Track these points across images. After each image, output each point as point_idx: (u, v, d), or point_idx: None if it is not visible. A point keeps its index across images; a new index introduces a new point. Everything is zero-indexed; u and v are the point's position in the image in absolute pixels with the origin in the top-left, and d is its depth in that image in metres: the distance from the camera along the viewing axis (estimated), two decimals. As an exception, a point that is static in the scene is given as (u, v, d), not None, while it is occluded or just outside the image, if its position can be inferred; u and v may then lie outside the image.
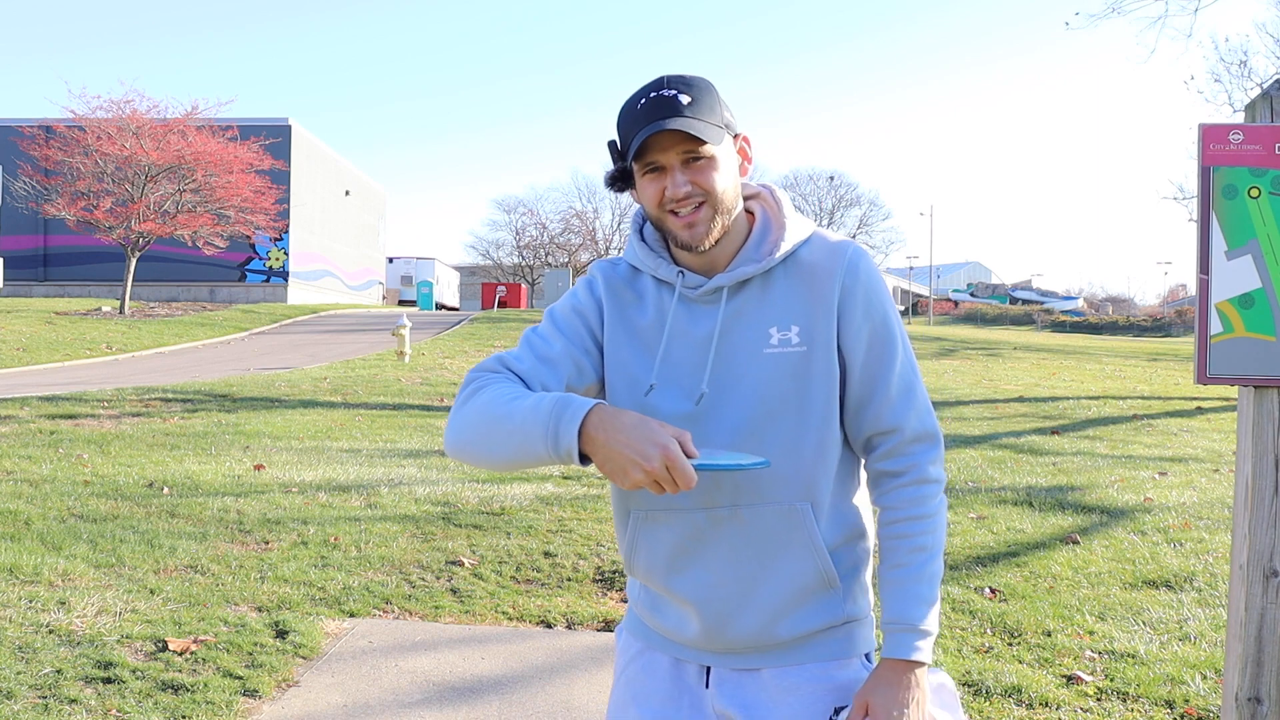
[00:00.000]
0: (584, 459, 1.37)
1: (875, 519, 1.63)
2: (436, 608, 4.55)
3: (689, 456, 1.32)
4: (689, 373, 1.58)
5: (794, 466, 1.55)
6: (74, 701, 3.38)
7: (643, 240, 1.67)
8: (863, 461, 1.65)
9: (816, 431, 1.55)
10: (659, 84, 1.54)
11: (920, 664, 1.54)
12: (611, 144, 1.60)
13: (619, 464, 1.32)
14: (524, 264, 58.58)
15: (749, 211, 1.65)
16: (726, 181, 1.55)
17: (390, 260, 52.62)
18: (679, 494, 1.49)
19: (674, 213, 1.54)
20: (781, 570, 1.56)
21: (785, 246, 1.59)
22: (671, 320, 1.60)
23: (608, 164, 1.65)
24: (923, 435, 1.60)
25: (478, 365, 1.59)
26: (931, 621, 1.56)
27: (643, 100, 1.52)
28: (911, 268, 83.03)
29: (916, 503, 1.59)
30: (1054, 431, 10.38)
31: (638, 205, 1.70)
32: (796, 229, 1.62)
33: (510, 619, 4.46)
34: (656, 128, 1.47)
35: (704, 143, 1.50)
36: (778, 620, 1.58)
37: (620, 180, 1.60)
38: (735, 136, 1.60)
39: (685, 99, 1.50)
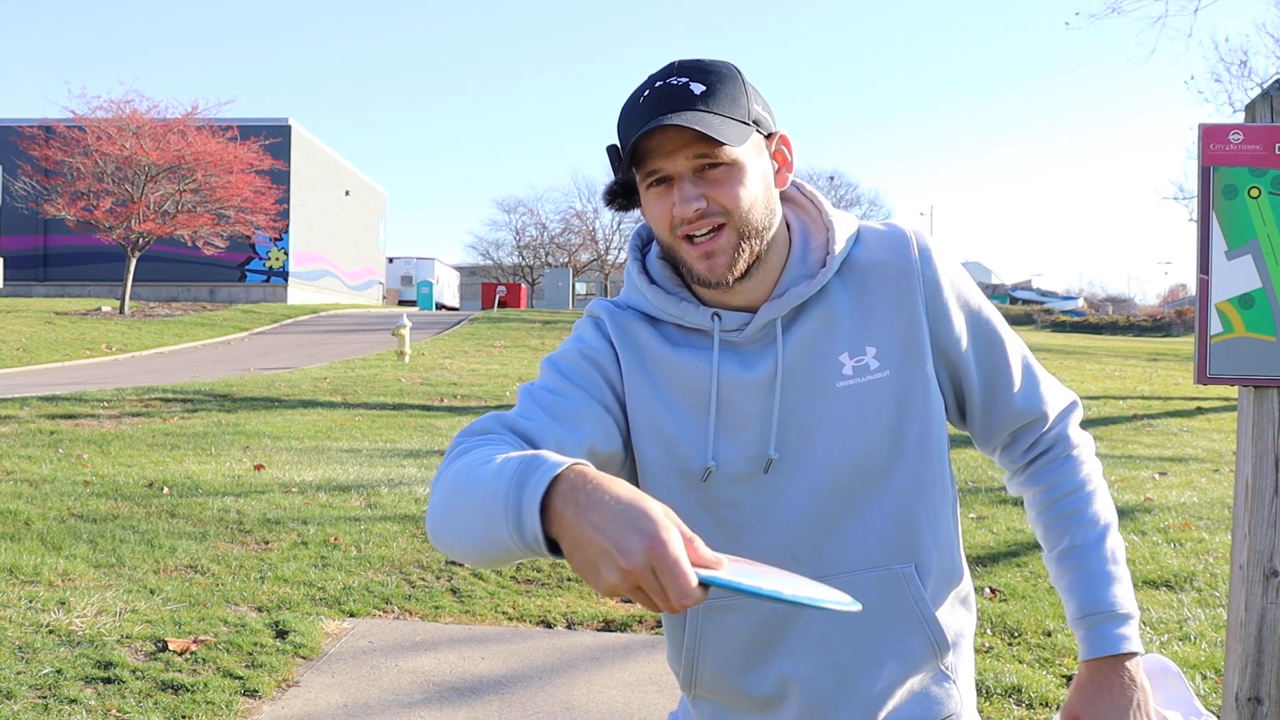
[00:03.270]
0: (556, 547, 0.94)
1: (1028, 506, 1.39)
2: (436, 608, 4.55)
3: (699, 566, 0.89)
4: (749, 435, 1.26)
5: (892, 523, 1.26)
6: (74, 701, 3.38)
7: (649, 277, 1.31)
8: (1003, 459, 1.39)
9: (914, 473, 1.27)
10: (667, 71, 1.21)
11: (1132, 654, 1.26)
12: (611, 149, 1.26)
13: (588, 556, 0.89)
14: (524, 264, 58.57)
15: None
16: (754, 194, 1.20)
17: (390, 260, 52.62)
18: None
19: (688, 238, 1.21)
20: (884, 649, 1.27)
21: (839, 251, 1.27)
22: (719, 372, 1.26)
23: (609, 172, 1.32)
24: (1062, 408, 1.36)
25: (465, 428, 1.19)
26: (1130, 601, 1.28)
27: (646, 92, 1.20)
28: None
29: (1072, 473, 1.33)
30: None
31: (640, 224, 1.38)
32: (843, 227, 1.30)
33: (510, 619, 4.46)
34: (656, 123, 1.15)
35: (721, 144, 1.17)
36: (879, 711, 1.29)
37: (622, 195, 1.28)
38: (769, 136, 1.25)
39: (699, 87, 1.18)
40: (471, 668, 3.88)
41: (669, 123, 1.14)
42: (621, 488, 0.91)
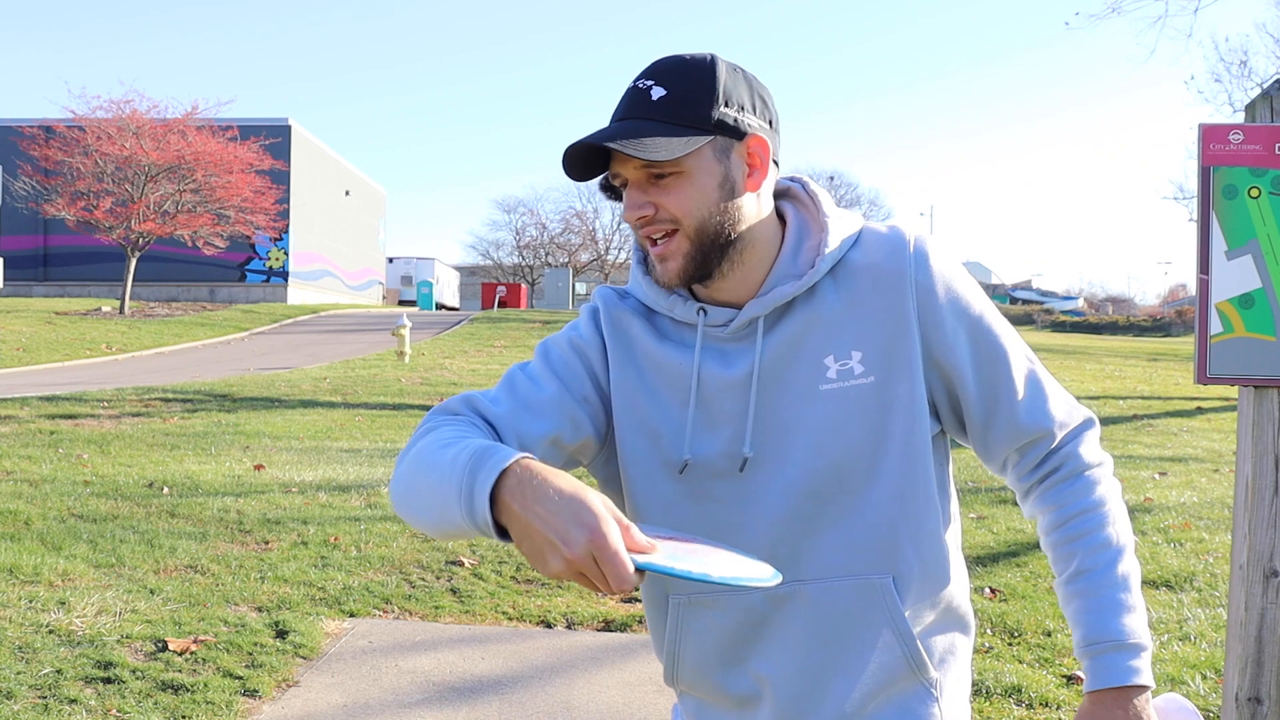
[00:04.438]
0: (504, 532, 1.03)
1: (1039, 530, 1.33)
2: (436, 608, 4.55)
3: (635, 551, 0.97)
4: (729, 433, 1.26)
5: (871, 531, 1.24)
6: (74, 701, 3.38)
7: (646, 268, 1.32)
8: (1010, 478, 1.34)
9: (895, 482, 1.23)
10: (646, 70, 1.23)
11: (1141, 688, 1.19)
12: None
13: (535, 545, 0.98)
14: (524, 264, 58.59)
15: (779, 216, 1.30)
16: (705, 201, 1.19)
17: (390, 260, 52.62)
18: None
19: (651, 240, 1.23)
20: (859, 658, 1.25)
21: (830, 252, 1.24)
22: (699, 368, 1.26)
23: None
24: (1071, 426, 1.29)
25: (437, 406, 1.26)
26: (1141, 632, 1.21)
27: (624, 92, 1.23)
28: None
29: (1083, 493, 1.26)
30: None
31: None
32: (841, 228, 1.27)
33: (510, 619, 4.46)
34: (582, 140, 1.18)
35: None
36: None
37: (613, 190, 1.28)
38: (743, 137, 1.21)
39: (659, 92, 1.19)
40: (471, 668, 3.88)
41: (593, 140, 1.16)
42: (564, 481, 1.00)
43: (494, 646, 4.11)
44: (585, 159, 1.22)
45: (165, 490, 6.67)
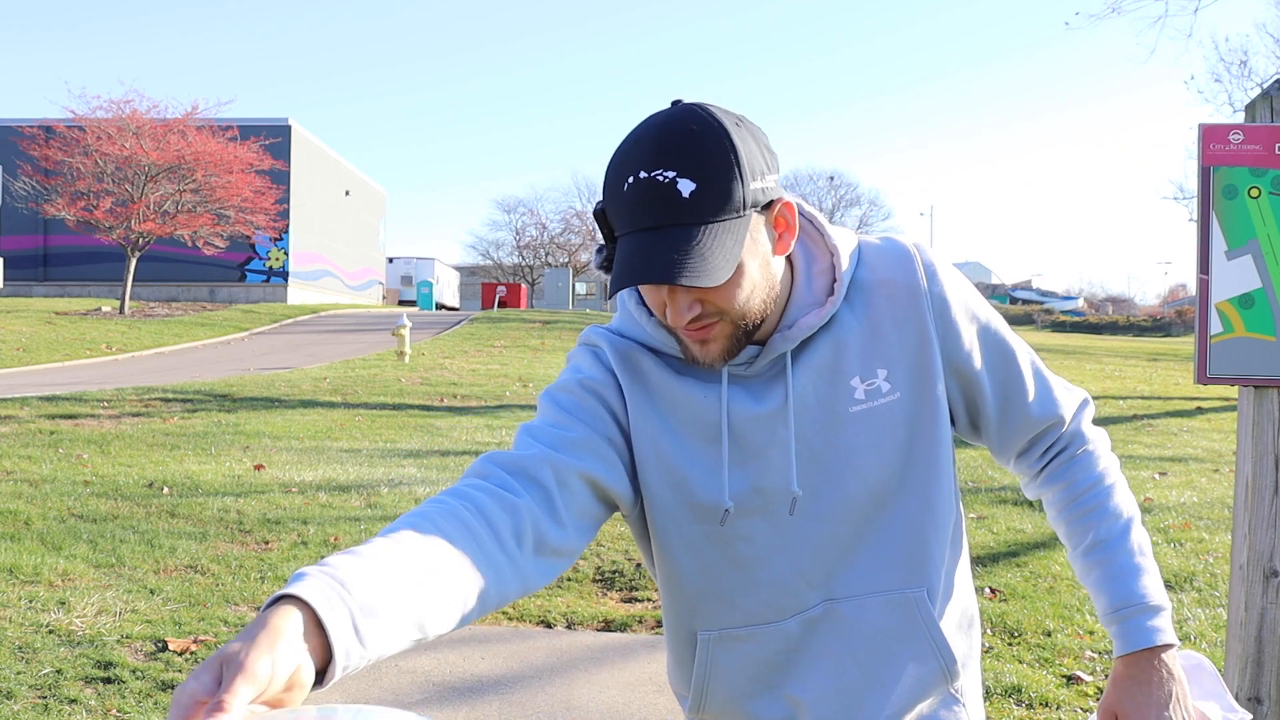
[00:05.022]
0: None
1: (1048, 506, 1.37)
2: (436, 608, 4.55)
3: None
4: (758, 467, 1.22)
5: (902, 546, 1.24)
6: (74, 701, 3.38)
7: (648, 310, 1.23)
8: (1019, 466, 1.37)
9: (922, 495, 1.24)
10: (652, 148, 1.08)
11: (1168, 646, 1.25)
12: (599, 214, 1.15)
13: None
14: (524, 264, 58.63)
15: None
16: (752, 286, 1.14)
17: (390, 260, 52.62)
18: (765, 606, 1.24)
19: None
20: (894, 673, 1.25)
21: (844, 275, 1.22)
22: (728, 409, 1.21)
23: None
24: (1074, 409, 1.34)
25: (467, 469, 1.16)
26: (1160, 593, 1.27)
27: (630, 180, 1.08)
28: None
29: (1090, 467, 1.32)
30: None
31: None
32: (845, 248, 1.24)
33: (510, 619, 4.46)
34: (640, 278, 1.07)
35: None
36: None
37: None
38: (771, 205, 1.14)
39: (687, 185, 1.06)
40: (471, 668, 3.89)
41: (655, 281, 1.06)
42: (263, 635, 0.78)
43: (494, 646, 4.12)
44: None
45: (165, 490, 6.67)
